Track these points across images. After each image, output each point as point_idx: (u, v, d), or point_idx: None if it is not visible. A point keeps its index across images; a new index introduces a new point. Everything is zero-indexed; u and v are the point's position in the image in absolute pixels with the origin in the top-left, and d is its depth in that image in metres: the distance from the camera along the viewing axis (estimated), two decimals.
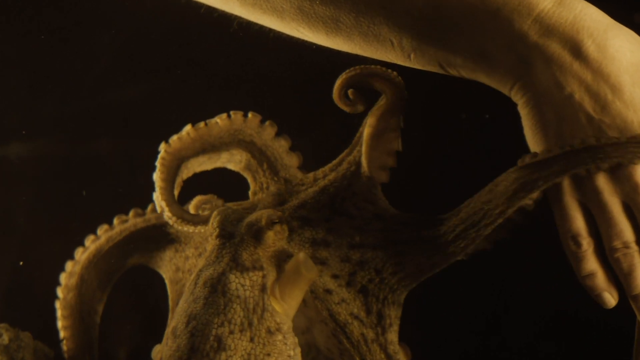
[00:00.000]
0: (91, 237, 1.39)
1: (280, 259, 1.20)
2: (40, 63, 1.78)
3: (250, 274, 1.18)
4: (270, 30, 1.31)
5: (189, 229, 1.29)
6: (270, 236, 1.20)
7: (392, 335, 1.18)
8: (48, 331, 1.43)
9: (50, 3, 1.76)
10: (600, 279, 1.17)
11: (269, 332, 1.15)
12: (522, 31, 1.13)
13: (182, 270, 1.35)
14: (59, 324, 1.37)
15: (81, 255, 1.38)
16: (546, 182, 1.12)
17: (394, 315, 1.19)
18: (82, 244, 1.40)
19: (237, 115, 1.33)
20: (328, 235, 1.21)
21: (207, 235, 1.32)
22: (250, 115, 1.33)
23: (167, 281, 1.37)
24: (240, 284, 1.17)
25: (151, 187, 1.32)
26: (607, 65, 1.12)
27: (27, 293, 1.75)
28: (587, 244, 1.15)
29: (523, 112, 1.15)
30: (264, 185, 1.33)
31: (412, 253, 1.18)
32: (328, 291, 1.19)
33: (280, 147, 1.34)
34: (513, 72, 1.14)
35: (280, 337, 1.15)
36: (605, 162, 1.11)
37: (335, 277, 1.20)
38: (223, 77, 1.73)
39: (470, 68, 1.16)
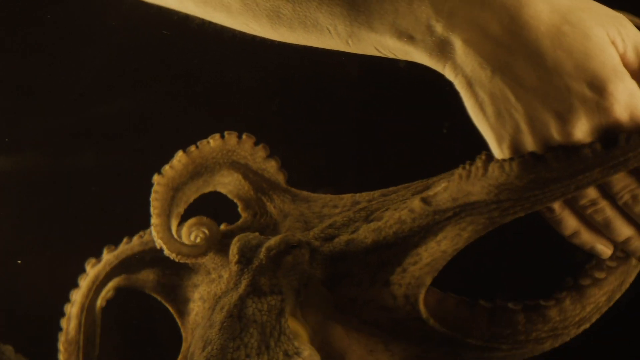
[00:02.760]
0: (92, 260, 1.38)
1: (301, 282, 1.19)
2: (24, 77, 1.78)
3: (269, 298, 1.17)
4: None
5: (190, 261, 1.29)
6: (288, 261, 1.19)
7: None
8: (29, 344, 1.43)
9: (34, 17, 1.76)
10: (586, 234, 1.17)
11: (287, 355, 1.14)
12: (437, 13, 1.11)
13: (191, 299, 1.34)
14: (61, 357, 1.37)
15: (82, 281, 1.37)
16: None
17: None
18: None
19: (230, 136, 1.32)
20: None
21: (221, 262, 1.30)
22: (244, 136, 1.32)
23: (173, 312, 1.36)
24: (258, 309, 1.16)
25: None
26: (522, 36, 1.09)
27: (7, 307, 1.74)
28: (559, 208, 1.15)
29: (460, 91, 1.14)
30: (267, 207, 1.33)
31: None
32: None
33: (271, 167, 1.34)
34: (439, 53, 1.13)
35: None
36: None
37: None
38: (207, 89, 1.73)
39: (403, 50, 1.16)
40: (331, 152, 1.34)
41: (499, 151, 1.13)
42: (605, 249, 1.18)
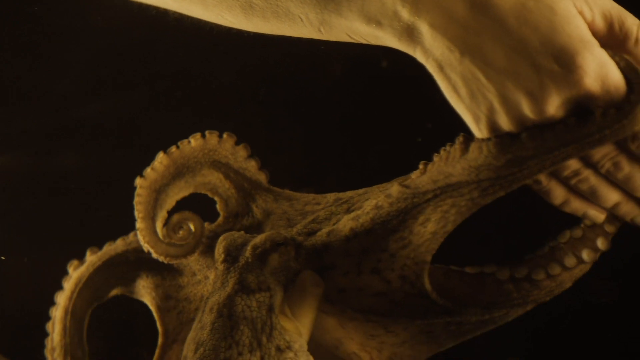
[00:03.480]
0: (74, 262, 1.37)
1: (288, 278, 1.20)
2: (6, 77, 1.77)
3: (257, 295, 1.18)
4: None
5: (179, 261, 1.30)
6: (275, 258, 1.20)
7: None
8: (15, 348, 1.42)
9: (16, 18, 1.75)
10: (576, 202, 1.17)
11: (279, 350, 1.15)
12: None
13: (175, 298, 1.34)
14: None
15: (66, 283, 1.37)
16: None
17: None
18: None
19: (211, 135, 1.32)
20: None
21: (206, 263, 1.31)
22: (225, 135, 1.33)
23: (153, 308, 1.36)
24: (247, 306, 1.17)
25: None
26: (487, 16, 1.09)
27: None
28: (546, 179, 1.15)
29: (433, 75, 1.14)
30: (249, 207, 1.33)
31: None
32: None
33: (252, 167, 1.34)
34: (407, 38, 1.13)
35: (291, 354, 1.15)
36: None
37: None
38: (190, 89, 1.73)
39: (374, 36, 1.16)
40: (313, 152, 1.34)
41: (477, 131, 1.13)
42: (597, 214, 1.18)
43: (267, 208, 1.31)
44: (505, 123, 1.11)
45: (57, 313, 1.35)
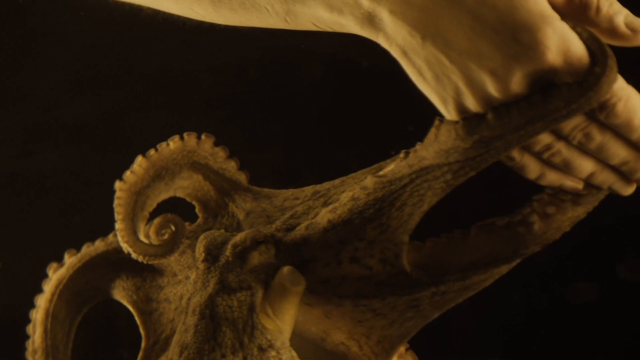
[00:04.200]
0: (54, 265, 1.37)
1: (269, 275, 1.20)
2: None
3: (238, 294, 1.18)
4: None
5: (159, 261, 1.29)
6: (255, 256, 1.20)
7: None
8: None
9: None
10: (551, 175, 1.16)
11: (261, 349, 1.15)
12: None
13: (155, 300, 1.34)
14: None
15: (46, 285, 1.37)
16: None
17: None
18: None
19: (189, 137, 1.32)
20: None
21: (187, 263, 1.31)
22: (203, 136, 1.33)
23: (135, 312, 1.36)
24: (228, 306, 1.17)
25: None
26: None
27: None
28: (519, 155, 1.14)
29: (397, 60, 1.14)
30: (228, 208, 1.33)
31: None
32: None
33: (232, 167, 1.34)
34: (369, 25, 1.13)
35: (273, 353, 1.16)
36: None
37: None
38: (169, 89, 1.73)
39: (338, 24, 1.16)
40: (293, 151, 1.34)
41: (446, 113, 1.13)
42: (575, 185, 1.17)
43: (246, 207, 1.31)
44: (472, 104, 1.10)
45: (38, 315, 1.35)
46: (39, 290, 1.35)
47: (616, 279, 1.91)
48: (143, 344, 1.32)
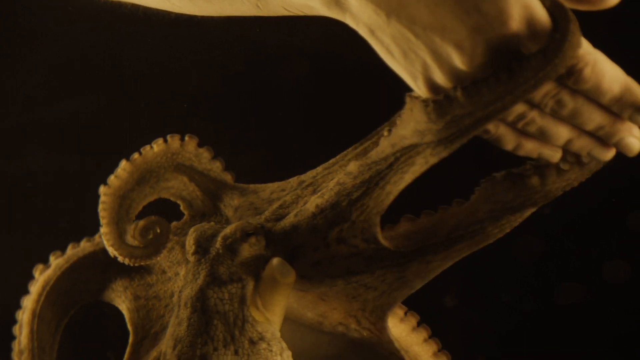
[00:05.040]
0: (40, 266, 1.36)
1: (259, 267, 1.21)
2: None
3: (229, 286, 1.18)
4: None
5: (145, 263, 1.29)
6: (245, 248, 1.20)
7: None
8: None
9: None
10: (528, 145, 1.15)
11: (252, 342, 1.16)
12: None
13: (144, 297, 1.33)
14: None
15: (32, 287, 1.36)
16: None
17: None
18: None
19: (173, 139, 1.32)
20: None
21: (176, 259, 1.30)
22: (187, 138, 1.33)
23: (123, 309, 1.35)
24: (219, 299, 1.18)
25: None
26: None
27: None
28: (494, 127, 1.14)
29: (366, 39, 1.14)
30: (215, 207, 1.33)
31: None
32: None
33: (217, 168, 1.34)
34: (336, 6, 1.13)
35: (264, 345, 1.17)
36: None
37: None
38: (156, 90, 1.73)
39: (307, 6, 1.16)
40: (277, 150, 1.34)
41: (416, 89, 1.13)
42: (553, 153, 1.16)
43: (234, 204, 1.31)
44: (440, 78, 1.10)
45: (24, 316, 1.34)
46: (25, 291, 1.35)
47: (602, 280, 1.92)
48: (131, 339, 1.31)
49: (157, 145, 1.31)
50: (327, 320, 1.26)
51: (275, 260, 1.19)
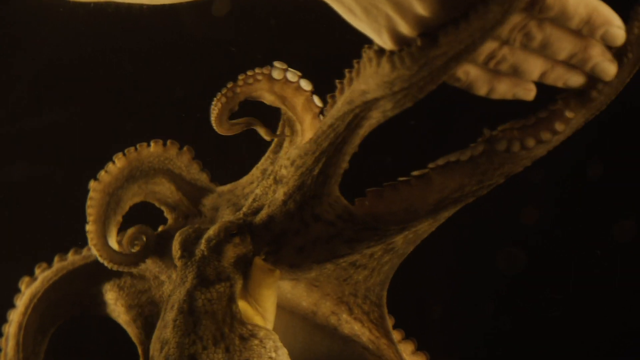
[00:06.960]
0: (26, 279, 1.35)
1: (247, 264, 1.21)
2: None
3: (217, 286, 1.19)
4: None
5: (125, 269, 1.29)
6: (229, 248, 1.21)
7: None
8: None
9: None
10: (501, 86, 1.13)
11: (243, 339, 1.16)
12: None
13: (137, 305, 1.33)
14: None
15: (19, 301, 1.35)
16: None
17: None
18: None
19: (172, 145, 1.33)
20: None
21: (163, 265, 1.31)
22: (185, 148, 1.34)
23: (121, 321, 1.35)
24: (207, 299, 1.18)
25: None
26: None
27: None
28: (464, 74, 1.12)
29: (329, 4, 1.13)
30: (197, 210, 1.33)
31: None
32: None
33: (204, 179, 1.35)
34: None
35: (256, 341, 1.16)
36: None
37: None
38: (140, 98, 1.72)
39: None
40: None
41: (382, 44, 1.11)
42: (528, 92, 1.15)
43: (214, 204, 1.32)
44: (405, 28, 1.08)
45: (11, 329, 1.34)
46: (10, 303, 1.34)
47: (586, 289, 1.93)
48: (140, 351, 1.31)
49: (155, 145, 1.33)
50: (320, 311, 1.26)
51: (256, 260, 1.20)
